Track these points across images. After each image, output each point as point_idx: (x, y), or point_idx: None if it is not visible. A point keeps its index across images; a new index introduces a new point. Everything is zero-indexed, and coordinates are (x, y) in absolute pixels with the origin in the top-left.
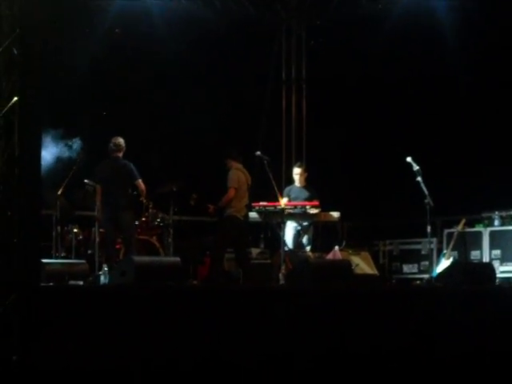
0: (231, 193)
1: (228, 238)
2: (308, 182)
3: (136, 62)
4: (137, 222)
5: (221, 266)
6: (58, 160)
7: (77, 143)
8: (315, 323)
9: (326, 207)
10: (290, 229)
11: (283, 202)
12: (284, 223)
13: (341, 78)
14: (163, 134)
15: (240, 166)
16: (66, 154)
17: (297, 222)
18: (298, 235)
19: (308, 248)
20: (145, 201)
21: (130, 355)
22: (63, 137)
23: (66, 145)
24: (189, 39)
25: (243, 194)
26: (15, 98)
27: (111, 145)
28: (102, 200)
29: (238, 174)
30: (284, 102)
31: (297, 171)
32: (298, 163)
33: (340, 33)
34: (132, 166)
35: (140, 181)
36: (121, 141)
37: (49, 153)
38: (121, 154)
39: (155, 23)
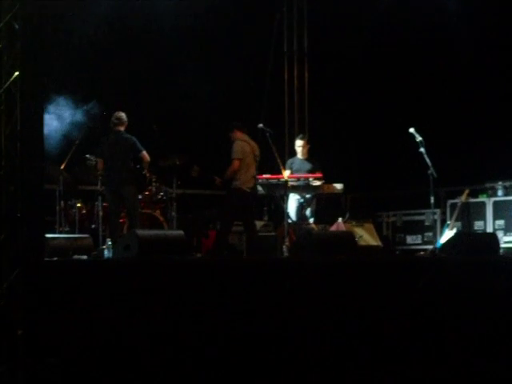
0: (235, 164)
1: (233, 210)
2: (310, 154)
3: (138, 37)
4: (140, 196)
5: (226, 238)
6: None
7: (93, 108)
8: (320, 295)
9: (329, 179)
10: (293, 201)
11: (286, 174)
12: (287, 196)
13: (342, 50)
14: (165, 107)
15: (246, 136)
16: (81, 118)
17: (300, 194)
18: (301, 207)
19: (311, 220)
20: (148, 174)
21: (135, 329)
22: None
23: (83, 110)
24: (189, 12)
25: (249, 164)
26: (16, 73)
27: (113, 119)
28: (104, 174)
29: (241, 145)
30: (286, 74)
31: (299, 143)
32: (301, 135)
33: (341, 4)
34: (135, 138)
35: (144, 152)
36: (122, 115)
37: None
38: (123, 128)
39: None
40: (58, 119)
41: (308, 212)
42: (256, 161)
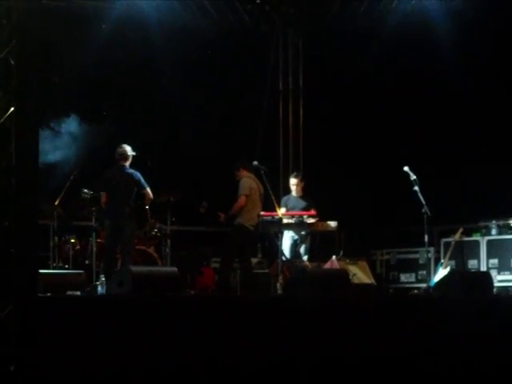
0: (242, 200)
1: (235, 247)
2: (305, 192)
3: (133, 72)
4: None
5: (229, 275)
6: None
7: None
8: (313, 333)
9: (323, 216)
10: (287, 238)
11: (281, 211)
12: (281, 233)
13: (337, 88)
14: (160, 144)
15: (252, 175)
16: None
17: (294, 231)
18: (295, 245)
19: (305, 257)
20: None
21: (128, 365)
22: None
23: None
24: (185, 48)
25: (254, 202)
26: (12, 108)
27: (117, 154)
28: (106, 208)
29: (249, 182)
30: (281, 112)
31: (293, 181)
32: (295, 173)
33: (337, 42)
34: (139, 174)
35: (148, 190)
36: (126, 149)
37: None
38: (127, 163)
39: (152, 32)
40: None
41: (302, 249)
42: (261, 199)
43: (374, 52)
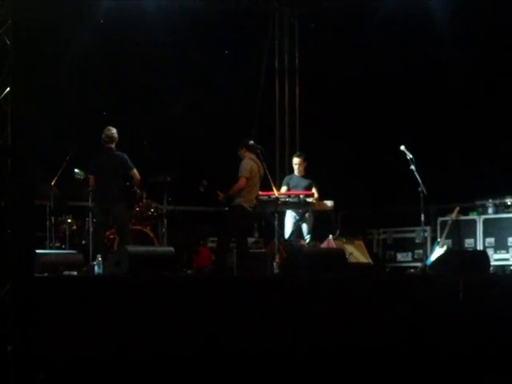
0: (242, 182)
1: (233, 227)
2: (307, 172)
3: (128, 53)
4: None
5: (225, 255)
6: None
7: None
8: (309, 312)
9: (320, 196)
10: (290, 218)
11: (283, 190)
12: (278, 212)
13: (333, 67)
14: (156, 123)
15: (253, 156)
16: None
17: (294, 211)
18: (297, 224)
19: (308, 237)
20: (138, 191)
21: (125, 344)
22: None
23: None
24: (181, 29)
25: (254, 184)
26: (8, 89)
27: (103, 136)
28: (95, 191)
29: (250, 164)
30: (277, 92)
31: (296, 161)
32: (298, 153)
33: (332, 21)
34: (126, 156)
35: (135, 170)
36: (113, 131)
37: None
38: (113, 145)
39: (147, 14)
40: None
41: (305, 228)
42: (261, 181)
43: (371, 31)
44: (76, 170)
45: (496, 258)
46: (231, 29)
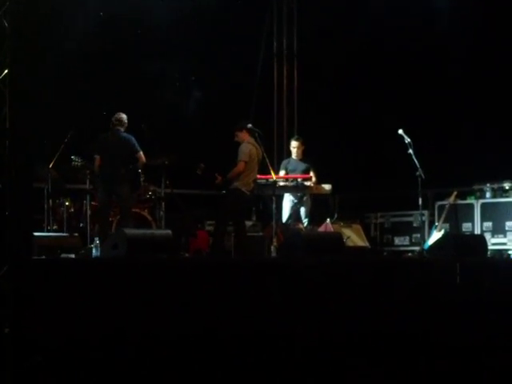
0: (241, 166)
1: (231, 210)
2: (305, 155)
3: (127, 37)
4: None
5: (223, 238)
6: None
7: None
8: (307, 295)
9: (317, 180)
10: (288, 201)
11: (281, 174)
12: (276, 196)
13: (332, 50)
14: (154, 106)
15: (252, 139)
16: None
17: (291, 194)
18: (295, 208)
19: (306, 221)
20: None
21: (121, 327)
22: None
23: None
24: (179, 11)
25: (253, 168)
26: (6, 71)
27: (113, 119)
28: (100, 171)
29: (249, 148)
30: (275, 75)
31: (294, 144)
32: (296, 136)
33: (332, 3)
34: (133, 138)
35: (141, 153)
36: (123, 116)
37: None
38: (122, 129)
39: None
40: None
41: (303, 212)
42: (259, 165)
43: (370, 13)
44: (73, 157)
45: (493, 243)
46: (230, 12)
